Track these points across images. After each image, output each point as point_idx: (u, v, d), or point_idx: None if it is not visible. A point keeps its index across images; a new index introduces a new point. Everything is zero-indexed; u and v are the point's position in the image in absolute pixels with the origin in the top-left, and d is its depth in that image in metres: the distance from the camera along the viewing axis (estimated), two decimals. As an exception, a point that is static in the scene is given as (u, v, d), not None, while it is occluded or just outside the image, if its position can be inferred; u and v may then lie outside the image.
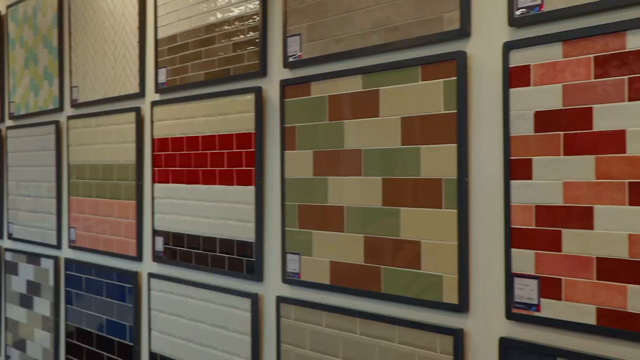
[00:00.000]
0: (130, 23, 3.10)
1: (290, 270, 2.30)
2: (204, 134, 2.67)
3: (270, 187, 2.42)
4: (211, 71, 2.64)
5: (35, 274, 3.85)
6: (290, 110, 2.31)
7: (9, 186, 4.14)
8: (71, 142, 3.51)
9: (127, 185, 3.10)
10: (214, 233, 2.62)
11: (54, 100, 3.69)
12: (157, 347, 2.90)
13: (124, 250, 3.13)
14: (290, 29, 2.32)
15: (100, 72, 3.30)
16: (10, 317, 4.10)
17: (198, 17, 2.71)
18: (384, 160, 2.01)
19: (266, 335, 2.44)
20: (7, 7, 4.15)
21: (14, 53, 4.09)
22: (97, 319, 3.30)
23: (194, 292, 2.71)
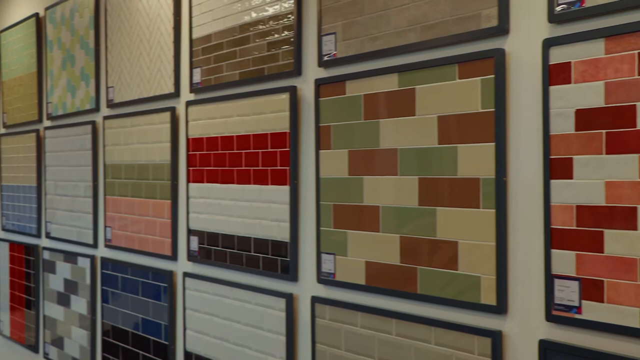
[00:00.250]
0: (165, 23, 3.12)
1: (325, 270, 2.29)
2: (239, 134, 2.67)
3: (305, 187, 2.41)
4: (246, 71, 2.65)
5: (72, 272, 3.90)
6: (325, 109, 2.30)
7: (47, 186, 4.21)
8: (107, 142, 3.55)
9: (162, 185, 3.13)
10: (249, 233, 2.62)
11: (90, 100, 3.73)
12: (191, 346, 2.92)
13: (159, 249, 3.15)
14: (325, 28, 2.31)
15: (136, 73, 3.33)
16: (49, 315, 4.16)
17: (232, 16, 2.72)
18: (420, 159, 1.99)
19: (301, 335, 2.43)
20: (46, 9, 4.22)
21: (52, 54, 4.15)
22: (133, 317, 3.33)
23: (229, 292, 2.71)
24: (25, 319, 4.48)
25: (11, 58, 4.72)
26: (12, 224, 4.70)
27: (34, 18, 4.35)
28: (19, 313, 4.57)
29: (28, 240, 4.48)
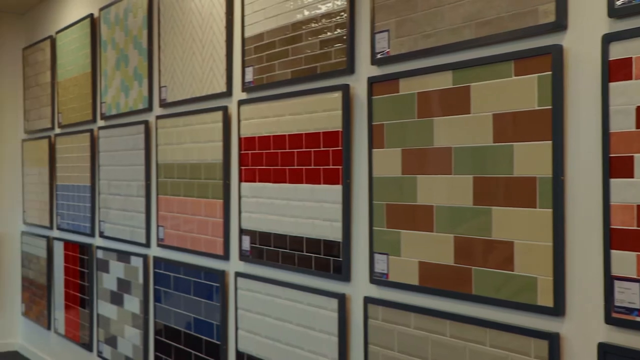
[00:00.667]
0: (217, 22, 3.19)
1: (378, 271, 2.32)
2: (291, 133, 2.72)
3: (358, 186, 2.44)
4: (298, 69, 2.69)
5: (126, 271, 4.01)
6: (378, 107, 2.33)
7: (100, 185, 4.33)
8: (160, 142, 3.64)
9: (214, 184, 3.20)
10: (301, 232, 2.66)
11: (143, 100, 3.83)
12: (243, 346, 2.98)
13: (211, 249, 3.22)
14: (378, 25, 2.34)
15: (189, 72, 3.41)
16: (102, 314, 4.29)
17: (285, 15, 2.77)
18: (475, 158, 2.00)
19: (353, 336, 2.46)
20: (100, 9, 4.34)
21: (106, 55, 4.27)
22: (185, 317, 3.41)
23: (281, 292, 2.76)
24: (79, 317, 4.62)
25: (66, 59, 4.87)
26: (67, 223, 4.85)
27: (88, 19, 4.49)
28: (74, 311, 4.71)
29: (82, 240, 4.62)
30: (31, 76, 5.59)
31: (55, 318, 5.05)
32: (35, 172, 5.46)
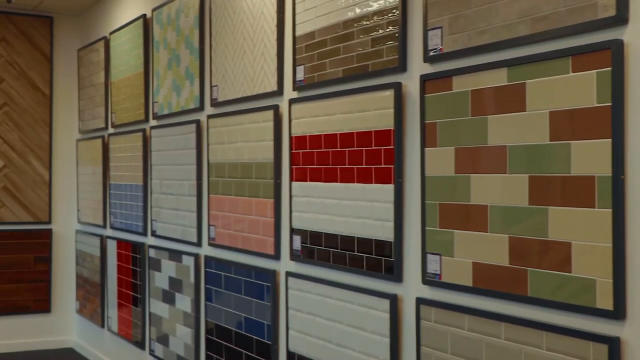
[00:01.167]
0: (268, 21, 3.21)
1: (431, 271, 2.31)
2: (342, 132, 2.72)
3: (410, 185, 2.43)
4: (349, 67, 2.69)
5: (177, 270, 4.07)
6: (430, 105, 2.31)
7: (152, 184, 4.41)
8: (211, 141, 3.69)
9: (265, 184, 3.22)
10: (352, 232, 2.67)
11: (194, 99, 3.89)
12: (294, 346, 2.99)
13: (262, 248, 3.25)
14: (431, 22, 2.32)
15: (240, 71, 3.45)
16: (154, 313, 4.36)
17: (336, 13, 2.77)
18: (530, 156, 1.98)
19: (405, 337, 2.45)
20: (152, 10, 4.42)
21: (158, 55, 4.34)
22: (236, 316, 3.44)
23: (332, 292, 2.77)
24: (132, 315, 4.71)
25: (120, 59, 4.97)
26: (120, 222, 4.95)
27: (141, 19, 4.57)
28: (126, 310, 4.80)
29: (135, 238, 4.71)
30: (86, 77, 5.72)
31: (109, 316, 5.15)
32: (89, 172, 5.59)
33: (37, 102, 5.88)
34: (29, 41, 5.83)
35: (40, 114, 5.89)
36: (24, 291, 5.80)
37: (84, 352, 5.73)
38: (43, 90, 5.90)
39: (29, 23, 5.83)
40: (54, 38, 5.96)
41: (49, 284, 5.89)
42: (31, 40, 5.84)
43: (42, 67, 5.89)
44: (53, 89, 5.95)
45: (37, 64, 5.87)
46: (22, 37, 5.80)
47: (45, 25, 5.90)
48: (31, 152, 5.85)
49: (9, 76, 5.77)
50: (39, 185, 5.89)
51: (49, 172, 5.92)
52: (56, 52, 5.98)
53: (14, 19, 5.77)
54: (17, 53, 5.79)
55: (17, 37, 5.78)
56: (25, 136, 5.83)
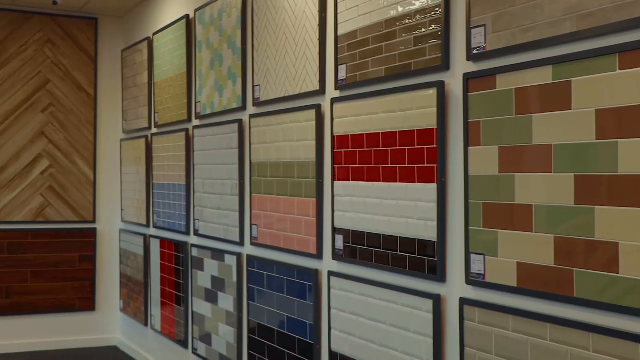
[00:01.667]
0: (310, 20, 3.24)
1: (475, 271, 2.31)
2: (385, 131, 2.74)
3: (453, 185, 2.44)
4: (392, 66, 2.71)
5: (220, 270, 4.12)
6: (474, 104, 2.31)
7: (195, 184, 4.47)
8: (253, 141, 3.73)
9: (307, 183, 3.25)
10: (395, 232, 2.68)
11: (237, 99, 3.93)
12: (337, 346, 3.01)
13: (305, 248, 3.28)
14: (475, 20, 2.32)
15: (282, 70, 3.48)
16: (197, 311, 4.42)
17: (378, 11, 2.79)
18: (576, 155, 1.97)
19: (449, 338, 2.46)
20: (195, 10, 4.48)
21: (201, 55, 4.40)
22: (278, 316, 3.48)
23: (374, 292, 2.78)
24: (175, 314, 4.79)
25: (163, 60, 5.05)
26: (163, 222, 5.03)
27: (184, 20, 4.64)
28: (169, 308, 4.88)
29: (178, 238, 4.78)
30: (129, 77, 5.82)
31: (152, 315, 5.24)
32: (132, 171, 5.69)
33: (82, 103, 6.01)
34: (74, 42, 5.96)
35: (85, 114, 6.02)
36: (69, 289, 5.93)
37: (128, 351, 5.83)
38: (88, 90, 6.03)
39: (74, 25, 5.96)
40: (99, 39, 6.08)
41: (93, 283, 6.02)
42: (76, 42, 5.97)
43: (87, 68, 6.02)
44: (97, 89, 6.07)
45: (82, 65, 6.00)
46: (67, 39, 5.93)
47: (90, 26, 6.02)
48: (76, 152, 5.98)
49: (55, 77, 5.91)
50: (84, 184, 6.02)
51: (93, 171, 6.05)
52: (100, 53, 6.10)
53: (60, 21, 5.90)
54: (63, 54, 5.92)
55: (62, 38, 5.91)
56: (70, 136, 5.96)
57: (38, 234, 5.85)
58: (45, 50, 5.87)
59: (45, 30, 5.86)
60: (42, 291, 5.84)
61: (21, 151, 5.81)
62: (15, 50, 5.78)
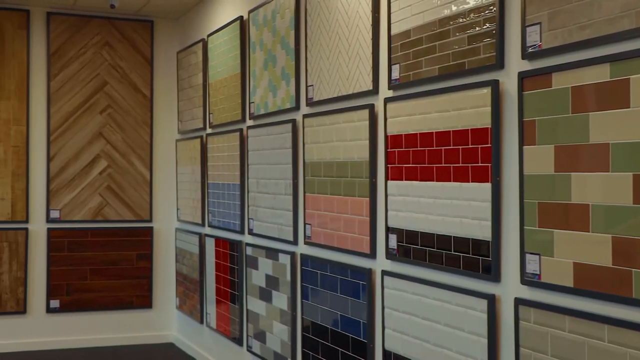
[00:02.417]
0: (364, 20, 3.25)
1: (530, 271, 2.29)
2: (438, 130, 2.74)
3: (508, 184, 2.43)
4: (445, 65, 2.70)
5: (274, 268, 4.17)
6: (529, 103, 2.30)
7: (249, 184, 4.53)
8: (307, 140, 3.76)
9: (360, 182, 3.27)
10: (449, 231, 2.67)
11: (290, 99, 3.97)
12: (390, 345, 3.03)
13: (358, 247, 3.29)
14: (530, 18, 2.31)
15: (335, 70, 3.51)
16: (251, 310, 4.48)
17: (432, 11, 2.79)
18: (635, 154, 1.94)
19: (504, 338, 2.45)
20: (249, 12, 4.54)
21: (254, 56, 4.46)
22: (332, 314, 3.50)
23: (428, 291, 2.79)
24: (230, 312, 4.86)
25: (217, 61, 5.12)
26: (218, 221, 5.10)
27: (238, 21, 4.70)
28: (224, 306, 4.95)
29: (232, 237, 4.85)
30: (184, 78, 5.92)
31: (207, 312, 5.32)
32: (188, 171, 5.79)
33: (138, 104, 6.13)
34: (131, 45, 6.09)
35: (141, 115, 6.14)
36: (127, 287, 6.07)
37: (184, 347, 5.94)
38: (144, 92, 6.15)
39: (131, 27, 6.09)
40: (155, 41, 6.20)
41: (150, 281, 6.14)
42: (133, 44, 6.10)
43: (143, 70, 6.14)
44: (153, 90, 6.19)
45: (139, 66, 6.13)
46: (124, 41, 6.07)
47: (146, 29, 6.14)
48: (133, 152, 6.11)
49: (113, 79, 6.04)
50: (141, 184, 6.14)
51: (149, 171, 6.17)
52: (156, 54, 6.21)
53: (117, 24, 6.04)
54: (120, 57, 6.06)
55: (120, 41, 6.05)
56: (127, 137, 6.09)
57: (97, 232, 6.00)
58: (103, 53, 6.01)
59: (103, 33, 6.00)
60: (101, 289, 5.99)
61: (80, 152, 5.97)
62: (74, 53, 5.93)
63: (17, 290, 5.75)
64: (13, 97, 5.77)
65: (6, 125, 5.75)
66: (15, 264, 5.75)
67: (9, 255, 5.74)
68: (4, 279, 5.72)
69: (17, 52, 5.78)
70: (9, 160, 5.76)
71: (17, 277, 5.75)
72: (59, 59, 5.90)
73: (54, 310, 5.88)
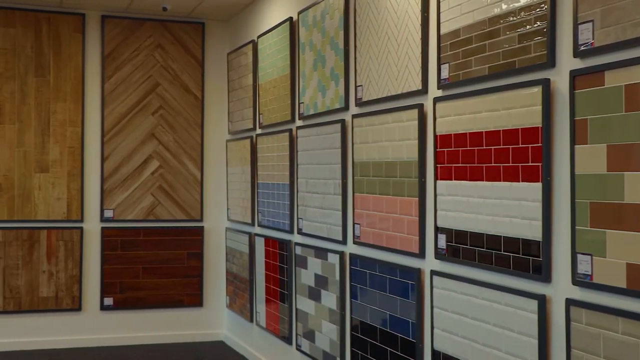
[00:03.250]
0: (413, 20, 3.26)
1: (581, 272, 2.27)
2: (488, 130, 2.73)
3: (559, 184, 2.41)
4: (495, 64, 2.69)
5: (323, 268, 4.20)
6: (580, 102, 2.28)
7: (298, 183, 4.57)
8: (356, 140, 3.78)
9: (409, 182, 3.27)
10: (498, 231, 2.66)
11: (339, 99, 4.00)
12: (440, 345, 3.02)
13: (407, 247, 3.30)
14: (582, 16, 2.29)
15: (384, 70, 3.52)
16: (300, 309, 4.52)
17: (481, 9, 2.78)
18: (690, 153, 1.91)
19: (554, 339, 2.43)
20: (299, 13, 4.58)
21: (304, 56, 4.49)
22: (381, 314, 3.51)
23: (477, 291, 2.78)
24: (279, 311, 4.90)
25: (267, 62, 5.18)
26: (267, 220, 5.15)
27: (287, 22, 4.75)
28: (274, 305, 5.00)
29: (281, 236, 4.89)
30: (235, 79, 5.99)
31: (257, 311, 5.38)
32: (238, 171, 5.86)
33: (189, 105, 6.23)
34: (182, 47, 6.19)
35: (192, 116, 6.23)
36: (178, 286, 6.16)
37: (234, 346, 6.01)
38: (195, 93, 6.24)
39: (183, 29, 6.19)
40: (206, 43, 6.29)
41: (200, 280, 6.23)
42: (184, 46, 6.19)
43: (195, 71, 6.24)
44: (204, 92, 6.28)
45: (190, 68, 6.22)
46: (176, 43, 6.17)
47: (198, 31, 6.24)
48: (184, 152, 6.21)
49: (165, 81, 6.15)
50: (192, 184, 6.24)
51: (200, 172, 6.26)
52: (207, 56, 6.30)
53: (169, 26, 6.15)
54: (172, 58, 6.16)
55: (171, 43, 6.15)
56: (179, 137, 6.19)
57: (149, 232, 6.11)
58: (155, 55, 6.12)
59: (155, 35, 6.11)
60: (152, 287, 6.10)
61: (133, 152, 6.09)
62: (127, 55, 6.05)
63: (73, 287, 5.90)
64: (69, 99, 5.92)
65: (62, 127, 5.90)
66: (71, 262, 5.90)
67: (64, 254, 5.89)
68: (60, 277, 5.87)
69: (73, 55, 5.92)
70: (64, 161, 5.91)
71: (73, 275, 5.90)
72: (113, 61, 6.03)
73: (108, 308, 6.01)
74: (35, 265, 5.80)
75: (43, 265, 5.82)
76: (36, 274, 5.80)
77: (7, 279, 5.74)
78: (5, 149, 5.75)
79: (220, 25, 6.34)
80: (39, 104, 5.83)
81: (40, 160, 5.83)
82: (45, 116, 5.85)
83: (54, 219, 5.87)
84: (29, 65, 5.82)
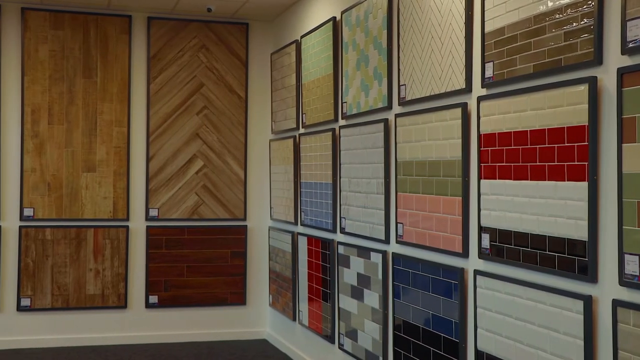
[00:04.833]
0: (456, 19, 3.25)
1: (629, 272, 2.24)
2: (533, 128, 2.71)
3: (605, 183, 2.38)
4: (540, 62, 2.67)
5: (365, 267, 4.20)
6: (629, 99, 2.25)
7: (341, 183, 4.58)
8: (399, 140, 3.78)
9: (453, 182, 3.26)
10: (543, 230, 2.64)
11: (382, 99, 4.00)
12: (483, 345, 3.01)
13: (450, 246, 3.29)
14: (631, 12, 2.26)
15: (427, 70, 3.51)
16: (343, 308, 4.53)
17: (527, 7, 2.76)
18: None
19: (601, 340, 2.40)
20: (342, 12, 4.59)
21: (347, 56, 4.51)
22: (423, 313, 3.51)
23: (522, 291, 2.76)
24: (322, 310, 4.92)
25: (310, 61, 5.20)
26: (310, 220, 5.18)
27: (331, 22, 4.76)
28: (316, 304, 5.02)
29: (324, 235, 4.91)
30: (278, 79, 6.03)
31: (300, 310, 5.41)
32: (281, 171, 5.89)
33: (233, 105, 6.29)
34: (226, 47, 6.25)
35: (236, 116, 6.29)
36: (222, 284, 6.23)
37: (277, 344, 6.04)
38: (239, 93, 6.30)
39: (227, 30, 6.25)
40: (249, 43, 6.34)
41: (244, 278, 6.28)
42: (228, 46, 6.25)
43: (238, 72, 6.29)
44: (248, 92, 6.33)
45: (234, 68, 6.28)
46: (220, 44, 6.23)
47: (241, 31, 6.29)
48: (228, 152, 6.27)
49: (209, 81, 6.22)
50: (235, 183, 6.29)
51: (244, 171, 6.31)
52: (251, 56, 6.35)
53: (213, 27, 6.21)
54: (216, 59, 6.22)
55: (216, 43, 6.22)
56: (222, 137, 6.25)
57: (193, 230, 6.18)
58: (199, 56, 6.19)
59: (200, 36, 6.18)
60: (196, 285, 6.17)
61: (177, 152, 6.17)
62: (172, 56, 6.14)
63: (119, 285, 6.00)
64: (115, 100, 6.02)
65: (109, 127, 6.01)
66: (117, 261, 6.00)
67: (110, 252, 6.00)
68: (107, 275, 5.98)
69: (120, 56, 6.03)
70: (110, 161, 6.01)
71: (119, 273, 6.00)
72: (158, 62, 6.12)
73: (153, 306, 6.10)
74: (83, 263, 5.92)
75: (90, 263, 5.94)
76: (83, 271, 5.92)
77: (55, 276, 5.87)
78: (54, 149, 5.87)
79: (264, 25, 6.39)
80: (86, 104, 5.94)
81: (87, 160, 5.95)
82: (92, 117, 5.96)
83: (100, 217, 5.98)
84: (77, 66, 5.93)
